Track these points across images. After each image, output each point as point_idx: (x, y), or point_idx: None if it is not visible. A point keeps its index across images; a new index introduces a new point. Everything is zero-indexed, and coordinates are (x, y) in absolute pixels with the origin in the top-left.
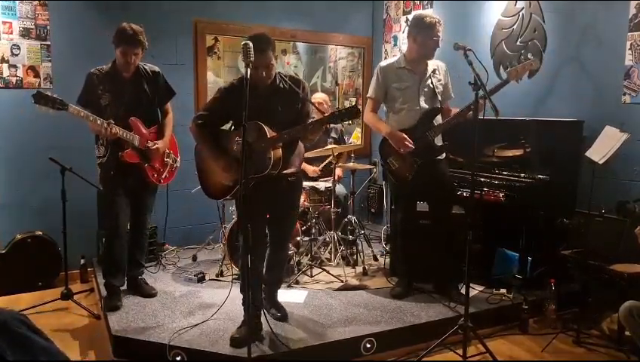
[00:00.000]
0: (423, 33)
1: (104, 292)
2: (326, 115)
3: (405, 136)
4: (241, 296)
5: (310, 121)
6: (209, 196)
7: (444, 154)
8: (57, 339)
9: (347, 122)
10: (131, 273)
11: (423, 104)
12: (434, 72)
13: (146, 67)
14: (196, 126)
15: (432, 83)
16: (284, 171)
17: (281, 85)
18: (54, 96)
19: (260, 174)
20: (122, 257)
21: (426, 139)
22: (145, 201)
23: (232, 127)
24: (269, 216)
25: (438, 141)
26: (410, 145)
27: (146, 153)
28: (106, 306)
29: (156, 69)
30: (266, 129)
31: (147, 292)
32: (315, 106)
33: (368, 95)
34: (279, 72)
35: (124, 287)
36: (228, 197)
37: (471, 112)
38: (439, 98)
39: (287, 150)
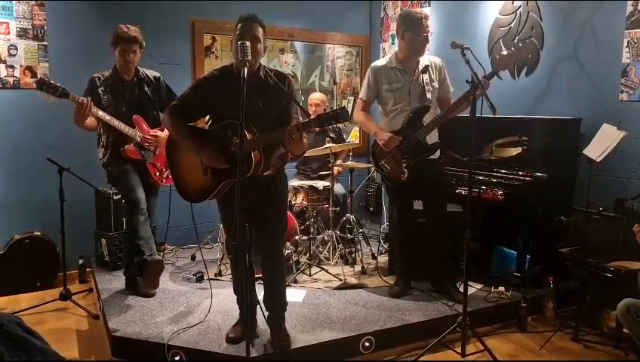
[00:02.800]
0: (411, 30)
1: (103, 292)
2: (312, 117)
3: (390, 138)
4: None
5: (295, 123)
6: (186, 198)
7: (437, 153)
8: (56, 339)
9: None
10: (131, 272)
11: (415, 104)
12: (425, 69)
13: (146, 72)
14: (170, 117)
15: (422, 81)
16: (265, 173)
17: (265, 79)
18: (57, 84)
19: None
20: (149, 230)
21: (416, 138)
22: (147, 202)
23: (210, 123)
24: (254, 221)
25: (432, 139)
26: (392, 146)
27: (147, 151)
28: (140, 293)
29: (157, 74)
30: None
31: (145, 293)
32: (300, 108)
33: (360, 95)
34: (264, 66)
35: (123, 287)
36: (209, 198)
37: (461, 108)
38: (428, 96)
39: (267, 151)
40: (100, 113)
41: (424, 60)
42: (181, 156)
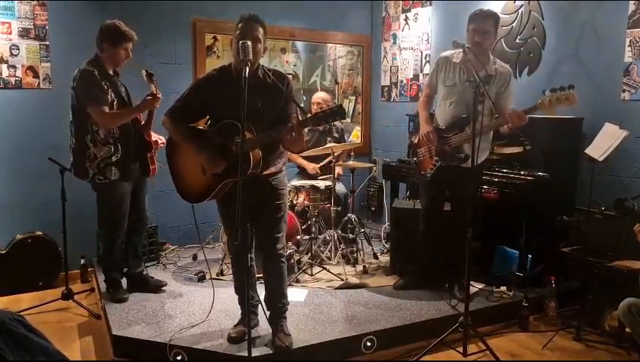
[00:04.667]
0: (469, 26)
1: (105, 292)
2: (309, 116)
3: (430, 131)
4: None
5: (292, 122)
6: (186, 199)
7: (470, 162)
8: (58, 339)
9: (336, 122)
10: (136, 270)
11: (460, 108)
12: (489, 77)
13: None
14: (170, 119)
15: (478, 89)
16: (265, 172)
17: (264, 79)
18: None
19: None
20: (121, 252)
21: (449, 142)
22: (144, 194)
23: (209, 123)
24: (254, 221)
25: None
26: (428, 139)
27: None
28: (114, 299)
29: None
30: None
31: (156, 285)
32: (299, 107)
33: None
34: (263, 66)
35: (125, 287)
36: (209, 198)
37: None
38: (478, 107)
39: (267, 150)
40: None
41: (491, 68)
42: (180, 157)
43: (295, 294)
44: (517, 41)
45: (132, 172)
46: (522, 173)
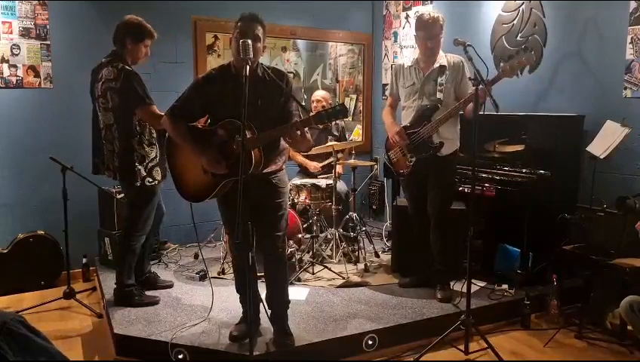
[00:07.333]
0: (418, 32)
1: (107, 291)
2: (311, 114)
3: (398, 130)
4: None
5: (294, 121)
6: (186, 198)
7: (444, 151)
8: (60, 338)
9: (337, 121)
10: (145, 270)
11: (424, 102)
12: (441, 69)
13: None
14: (170, 118)
15: (434, 80)
16: (265, 170)
17: (263, 77)
18: None
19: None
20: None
21: (420, 135)
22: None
23: (208, 122)
24: (255, 219)
25: (440, 137)
26: (398, 139)
27: None
28: (144, 302)
29: None
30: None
31: (164, 285)
32: (300, 105)
33: (387, 92)
34: (262, 64)
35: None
36: (210, 197)
37: (469, 108)
38: (439, 96)
39: (267, 149)
40: None
41: (442, 60)
42: (180, 156)
43: (296, 293)
44: (518, 38)
45: (166, 171)
46: (524, 171)
